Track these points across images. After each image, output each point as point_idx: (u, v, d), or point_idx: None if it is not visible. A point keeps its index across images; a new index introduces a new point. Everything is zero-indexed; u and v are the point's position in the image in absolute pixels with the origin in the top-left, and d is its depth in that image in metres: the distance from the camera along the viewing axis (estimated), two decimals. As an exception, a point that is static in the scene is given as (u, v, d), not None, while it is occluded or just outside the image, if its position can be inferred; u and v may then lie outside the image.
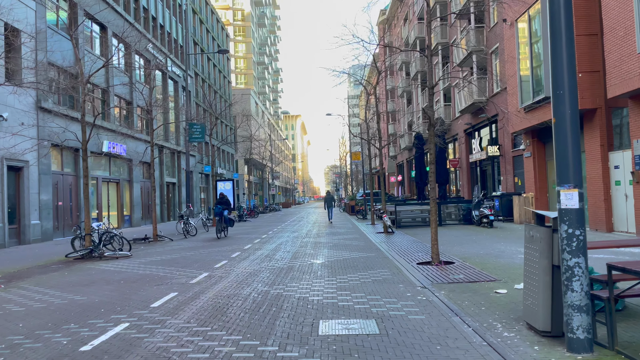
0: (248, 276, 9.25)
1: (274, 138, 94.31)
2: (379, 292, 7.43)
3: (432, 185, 10.21)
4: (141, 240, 18.64)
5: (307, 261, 11.17)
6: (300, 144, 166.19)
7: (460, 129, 29.69)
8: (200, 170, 44.43)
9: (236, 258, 12.12)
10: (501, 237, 14.99)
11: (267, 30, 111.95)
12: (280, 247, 14.45)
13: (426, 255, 11.24)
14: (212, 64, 53.80)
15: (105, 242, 14.53)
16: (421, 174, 27.51)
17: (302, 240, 16.77)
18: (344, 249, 13.58)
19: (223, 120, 54.16)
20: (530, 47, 18.12)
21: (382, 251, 12.74)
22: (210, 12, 54.91)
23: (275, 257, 11.99)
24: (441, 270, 9.28)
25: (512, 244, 12.82)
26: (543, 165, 19.60)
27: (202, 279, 9.14)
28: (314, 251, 13.21)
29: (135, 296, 7.70)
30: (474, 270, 8.99)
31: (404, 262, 10.62)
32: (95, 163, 25.80)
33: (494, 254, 11.12)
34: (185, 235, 20.13)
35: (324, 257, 11.75)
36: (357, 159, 46.61)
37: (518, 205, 19.72)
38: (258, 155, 60.02)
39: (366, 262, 10.81)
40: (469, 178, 29.58)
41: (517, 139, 21.71)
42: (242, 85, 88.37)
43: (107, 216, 26.93)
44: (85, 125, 14.31)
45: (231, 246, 15.32)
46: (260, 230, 22.89)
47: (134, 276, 9.82)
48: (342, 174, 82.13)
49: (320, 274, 9.34)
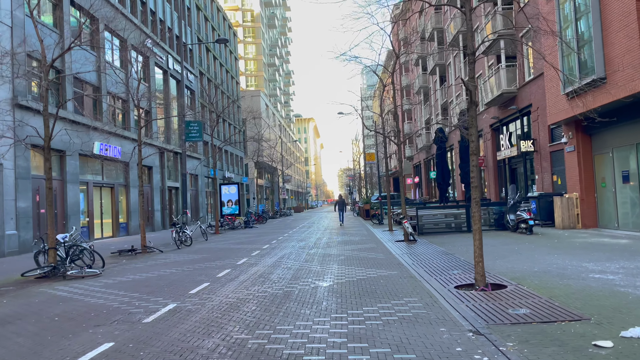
0: (226, 311, 6.76)
1: (285, 140, 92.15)
2: (413, 344, 4.90)
3: (475, 183, 7.65)
4: (127, 252, 16.35)
5: (311, 283, 8.66)
6: (312, 147, 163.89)
7: (485, 124, 26.97)
8: (207, 174, 42.21)
9: (222, 279, 9.65)
10: (549, 246, 12.32)
11: (277, 31, 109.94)
12: (281, 262, 11.96)
13: (465, 275, 8.66)
14: (219, 63, 51.68)
15: (73, 257, 12.20)
16: (443, 174, 24.81)
17: (309, 251, 14.27)
18: (359, 263, 11.06)
19: (227, 119, 51.97)
20: (575, 25, 15.44)
21: (406, 267, 10.18)
22: (216, 10, 52.85)
23: (272, 278, 9.48)
24: (492, 298, 6.71)
25: (570, 257, 10.17)
26: (589, 161, 16.85)
27: (162, 314, 6.68)
28: (321, 267, 10.69)
29: (49, 350, 5.26)
30: (540, 301, 6.41)
31: (438, 284, 8.07)
32: (85, 166, 23.63)
33: (553, 272, 8.51)
34: (178, 245, 17.76)
35: (332, 277, 9.24)
36: (371, 159, 44.00)
37: (560, 208, 16.99)
38: (268, 158, 57.69)
39: (387, 284, 8.28)
40: (496, 178, 26.83)
41: (556, 132, 18.97)
42: (253, 87, 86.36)
43: (99, 224, 24.73)
44: (47, 118, 12.02)
45: (223, 260, 12.86)
46: (263, 239, 20.44)
47: (80, 308, 7.41)
48: (356, 177, 79.50)
49: (325, 305, 6.83)
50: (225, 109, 34.49)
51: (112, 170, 26.10)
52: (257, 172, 61.74)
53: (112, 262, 14.13)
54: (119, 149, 25.65)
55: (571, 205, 16.87)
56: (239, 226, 30.67)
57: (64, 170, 21.50)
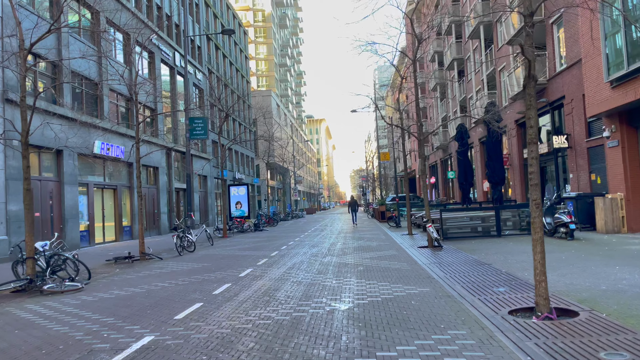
0: (215, 349, 5.16)
1: (296, 140, 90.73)
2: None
3: (536, 180, 6.00)
4: (124, 260, 14.91)
5: (325, 305, 7.05)
6: (325, 148, 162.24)
7: (510, 119, 25.13)
8: (216, 175, 40.81)
9: (219, 297, 8.08)
10: (601, 255, 10.57)
11: (289, 32, 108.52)
12: (290, 274, 10.36)
13: (516, 294, 6.98)
14: (229, 61, 50.35)
15: (55, 267, 10.75)
16: (465, 173, 23.08)
17: (322, 260, 12.65)
18: (381, 276, 9.42)
19: (237, 118, 50.57)
20: (621, 0, 13.65)
21: (439, 282, 8.52)
22: (226, 7, 51.54)
23: (278, 296, 7.88)
24: (564, 331, 5.05)
25: (638, 270, 8.43)
26: (636, 157, 15.03)
27: (129, 355, 5.11)
28: (337, 282, 9.08)
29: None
30: (636, 337, 4.73)
31: (485, 308, 6.41)
32: (85, 167, 22.30)
33: (629, 292, 6.79)
34: (179, 252, 16.25)
35: (351, 295, 7.62)
36: (386, 159, 42.25)
37: (603, 210, 15.17)
38: (279, 158, 56.19)
39: (422, 306, 6.64)
40: (522, 177, 24.98)
41: (594, 126, 17.15)
42: (264, 87, 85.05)
43: (101, 227, 23.37)
44: (25, 110, 10.58)
45: (225, 271, 11.30)
46: (273, 244, 18.87)
47: (34, 340, 5.88)
48: (369, 177, 77.69)
49: (346, 341, 5.21)
50: (233, 105, 32.97)
51: (114, 171, 24.77)
52: (268, 173, 60.31)
53: (104, 271, 12.68)
54: (122, 148, 24.30)
55: (615, 206, 15.04)
56: (249, 229, 29.18)
57: (61, 171, 20.16)
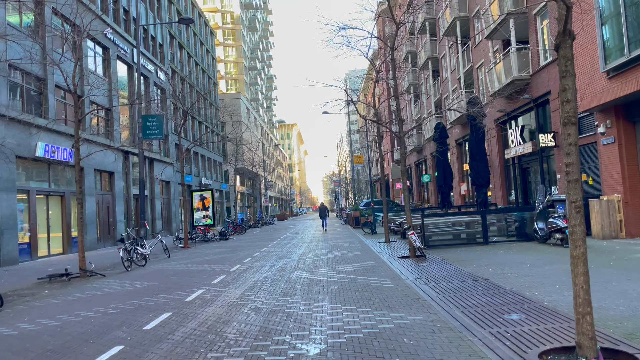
0: None
1: (267, 144, 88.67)
2: None
3: (575, 175, 4.33)
4: (60, 277, 12.78)
5: (290, 349, 5.23)
6: (296, 153, 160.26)
7: (489, 118, 23.86)
8: (180, 181, 38.45)
9: (149, 335, 6.15)
10: (612, 266, 9.08)
11: (259, 35, 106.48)
12: (249, 297, 8.49)
13: (536, 324, 5.31)
14: (194, 61, 48.09)
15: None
16: (445, 176, 21.64)
17: (290, 275, 10.82)
18: (360, 298, 7.66)
19: (204, 121, 48.30)
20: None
21: (433, 306, 6.81)
22: (191, 5, 49.30)
23: (226, 334, 6.00)
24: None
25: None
26: (634, 155, 13.77)
27: None
28: (305, 308, 7.26)
29: None
30: None
31: (504, 347, 4.73)
32: (26, 171, 19.88)
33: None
34: (127, 267, 14.14)
35: (324, 330, 5.83)
36: (359, 162, 40.71)
37: (599, 213, 13.82)
38: (248, 162, 54.07)
39: (419, 350, 4.90)
40: (503, 179, 23.71)
41: (584, 122, 15.88)
42: (234, 90, 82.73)
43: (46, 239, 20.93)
44: None
45: (170, 294, 9.33)
46: (236, 255, 16.94)
47: None
48: (342, 182, 76.16)
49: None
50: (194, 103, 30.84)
51: (62, 176, 22.36)
52: (237, 178, 58.03)
53: (29, 293, 10.57)
54: (71, 151, 21.93)
55: (612, 209, 13.72)
56: (213, 238, 27.09)
57: None
